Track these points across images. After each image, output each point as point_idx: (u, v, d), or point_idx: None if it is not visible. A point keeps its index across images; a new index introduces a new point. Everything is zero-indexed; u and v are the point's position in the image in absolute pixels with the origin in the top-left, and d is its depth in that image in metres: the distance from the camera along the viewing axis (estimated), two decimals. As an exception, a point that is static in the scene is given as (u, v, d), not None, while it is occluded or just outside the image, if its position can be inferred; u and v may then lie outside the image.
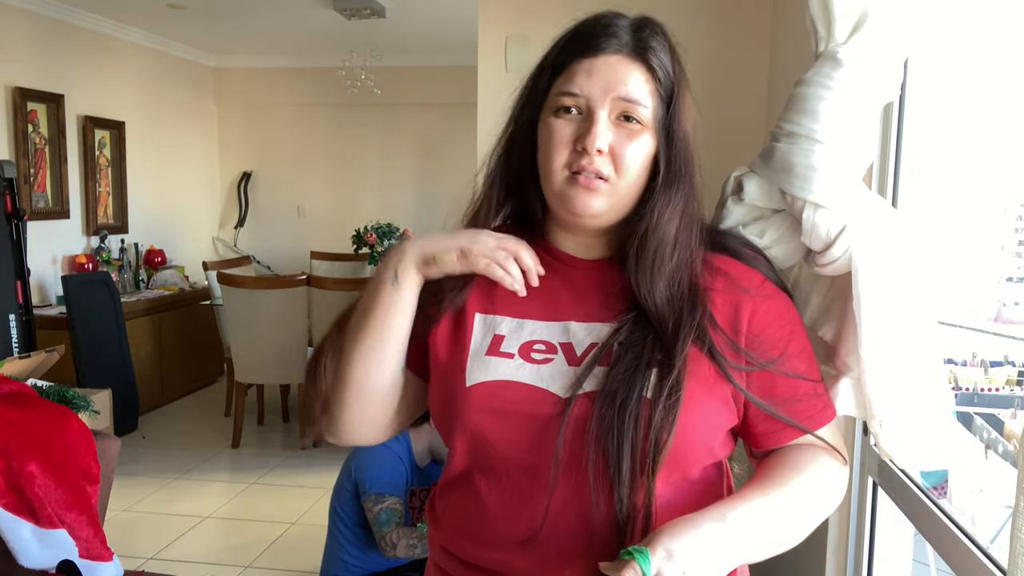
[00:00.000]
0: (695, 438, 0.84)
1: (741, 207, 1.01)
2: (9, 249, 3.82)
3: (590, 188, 0.86)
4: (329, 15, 4.81)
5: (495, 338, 0.91)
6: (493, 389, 0.87)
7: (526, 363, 0.88)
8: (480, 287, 0.94)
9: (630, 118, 0.86)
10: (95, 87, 5.06)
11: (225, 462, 4.17)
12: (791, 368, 0.89)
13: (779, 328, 0.90)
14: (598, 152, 0.85)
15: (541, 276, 0.92)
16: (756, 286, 0.90)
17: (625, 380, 0.83)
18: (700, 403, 0.84)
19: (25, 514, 2.17)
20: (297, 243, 6.35)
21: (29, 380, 2.68)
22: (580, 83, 0.86)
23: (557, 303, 0.92)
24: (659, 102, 0.88)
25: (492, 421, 0.86)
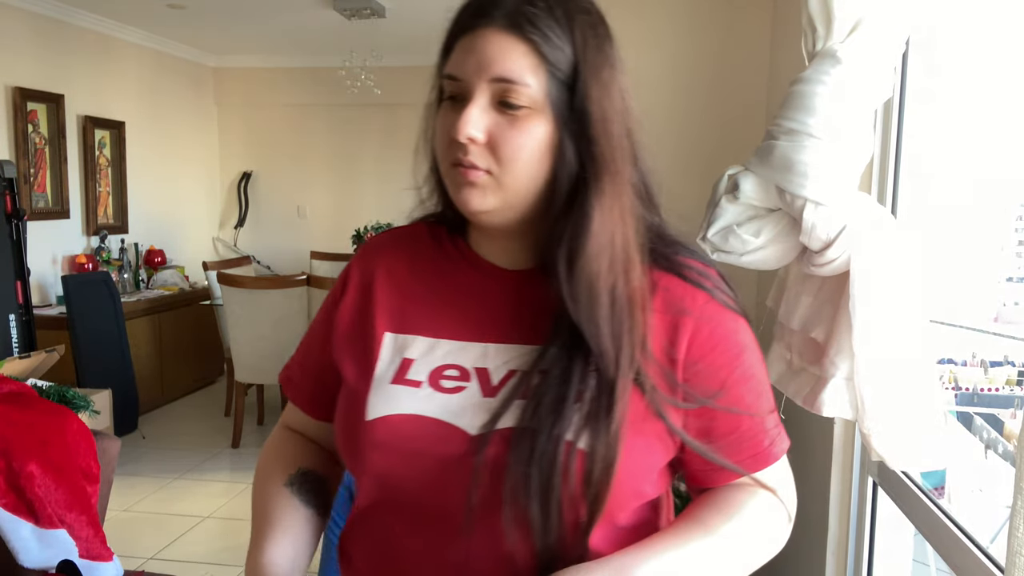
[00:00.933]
0: (624, 484, 0.73)
1: (736, 206, 1.00)
2: (9, 249, 3.82)
3: (469, 181, 0.74)
4: (329, 15, 4.81)
5: (403, 362, 0.80)
6: (395, 425, 0.76)
7: (435, 393, 0.77)
8: (389, 302, 0.84)
9: (510, 102, 0.73)
10: (95, 87, 5.06)
11: (225, 462, 4.17)
12: (733, 401, 0.78)
13: (721, 354, 0.78)
14: (471, 141, 0.73)
15: (458, 288, 0.82)
16: (698, 307, 0.78)
17: (547, 419, 0.71)
18: (632, 446, 0.73)
19: (25, 514, 2.17)
20: (297, 243, 6.35)
21: (29, 380, 2.68)
22: (457, 64, 0.75)
23: (475, 320, 0.80)
24: (551, 81, 0.73)
25: (396, 461, 0.76)
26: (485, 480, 0.72)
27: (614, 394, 0.72)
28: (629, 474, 0.73)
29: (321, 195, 6.40)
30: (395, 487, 0.77)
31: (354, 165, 6.35)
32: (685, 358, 0.77)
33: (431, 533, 0.75)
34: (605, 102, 0.74)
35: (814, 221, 0.93)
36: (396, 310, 0.83)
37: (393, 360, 0.80)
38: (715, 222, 1.00)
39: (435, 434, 0.75)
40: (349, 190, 6.37)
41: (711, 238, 1.04)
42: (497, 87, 0.73)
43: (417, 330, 0.82)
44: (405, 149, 4.05)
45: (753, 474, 0.80)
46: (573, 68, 0.73)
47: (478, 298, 0.82)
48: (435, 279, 0.84)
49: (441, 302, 0.83)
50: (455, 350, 0.79)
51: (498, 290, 0.81)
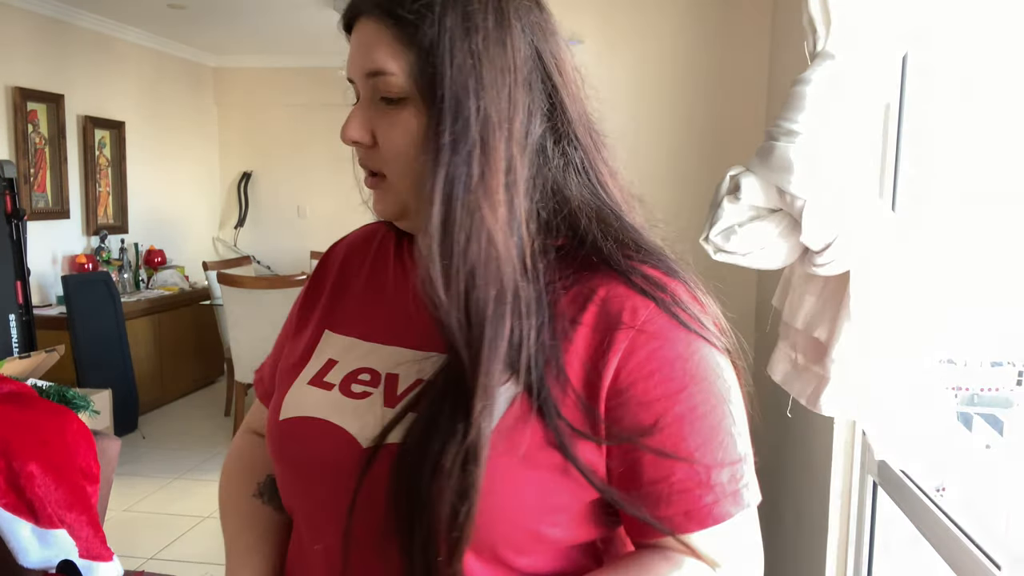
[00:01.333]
0: (511, 522, 0.63)
1: (737, 207, 1.00)
2: (9, 249, 3.82)
3: (370, 187, 0.72)
4: (329, 15, 4.81)
5: (327, 363, 0.75)
6: (296, 427, 0.72)
7: (343, 397, 0.71)
8: (333, 300, 0.81)
9: (383, 96, 0.66)
10: (95, 87, 5.06)
11: (225, 462, 4.17)
12: (666, 442, 0.63)
13: (660, 383, 0.64)
14: (355, 144, 0.69)
15: (390, 289, 0.78)
16: (639, 320, 0.64)
17: (423, 437, 0.63)
18: (519, 479, 0.62)
19: (25, 514, 2.17)
20: (297, 243, 6.36)
21: (29, 380, 2.68)
22: (348, 65, 0.69)
23: (400, 323, 0.74)
24: (419, 64, 0.64)
25: (298, 463, 0.72)
26: (365, 496, 0.65)
27: (470, 416, 0.61)
28: (516, 511, 0.63)
29: (321, 195, 6.41)
30: (299, 490, 0.73)
31: (354, 165, 6.34)
32: (611, 384, 0.64)
33: (329, 540, 0.69)
34: (474, 75, 0.63)
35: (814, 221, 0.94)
36: (337, 309, 0.80)
37: (320, 359, 0.76)
38: (717, 222, 1.00)
39: (333, 441, 0.69)
40: (349, 190, 6.35)
41: (713, 239, 1.05)
42: (372, 82, 0.66)
43: (347, 330, 0.77)
44: (405, 149, 3.90)
45: (682, 536, 0.64)
46: (433, 30, 0.63)
47: (407, 301, 0.74)
48: (374, 279, 0.80)
49: (373, 302, 0.78)
50: (372, 353, 0.74)
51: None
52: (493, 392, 0.62)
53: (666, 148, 2.48)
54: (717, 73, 2.43)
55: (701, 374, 0.65)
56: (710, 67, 2.43)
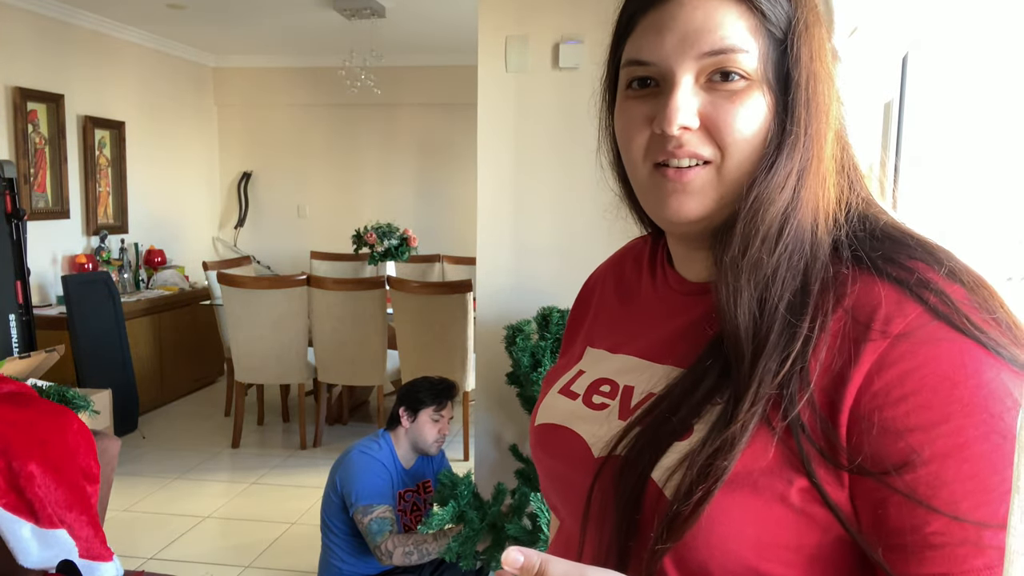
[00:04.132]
0: (723, 553, 0.56)
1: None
2: (9, 249, 3.83)
3: (683, 181, 0.61)
4: (329, 15, 4.81)
5: (577, 373, 0.76)
6: (546, 433, 0.73)
7: (584, 407, 0.71)
8: (594, 315, 0.81)
9: (729, 74, 0.60)
10: (95, 87, 5.06)
11: (225, 462, 4.17)
12: (919, 486, 0.52)
13: (914, 411, 0.52)
14: (684, 130, 0.60)
15: (641, 301, 0.75)
16: (898, 326, 0.54)
17: (643, 453, 0.60)
18: (737, 506, 0.56)
19: (25, 514, 2.17)
20: (297, 243, 6.36)
21: (29, 380, 2.68)
22: (648, 46, 0.62)
23: (644, 336, 0.72)
24: (769, 42, 0.60)
25: (545, 468, 0.74)
26: (597, 504, 0.64)
27: (731, 425, 0.56)
28: (728, 540, 0.56)
29: (321, 195, 6.41)
30: (550, 490, 0.74)
31: (354, 165, 6.35)
32: (852, 407, 0.54)
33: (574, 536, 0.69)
34: (817, 63, 0.61)
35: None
36: (596, 325, 0.80)
37: (573, 370, 0.76)
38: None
39: (572, 449, 0.69)
40: (349, 190, 6.37)
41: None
42: (708, 62, 0.60)
43: (600, 343, 0.77)
44: (405, 149, 4.11)
45: None
46: (788, 22, 0.60)
47: (655, 313, 0.72)
48: (627, 293, 0.78)
49: (624, 315, 0.76)
50: (616, 365, 0.72)
51: (676, 305, 0.70)
52: (759, 405, 0.56)
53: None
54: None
55: (978, 402, 0.51)
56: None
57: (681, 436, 0.59)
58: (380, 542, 2.17)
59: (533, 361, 2.17)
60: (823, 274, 0.59)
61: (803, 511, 0.55)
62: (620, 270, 0.82)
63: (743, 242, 0.60)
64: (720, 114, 0.60)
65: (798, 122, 0.60)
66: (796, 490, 0.55)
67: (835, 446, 0.54)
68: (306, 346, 4.27)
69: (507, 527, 1.99)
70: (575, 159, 2.53)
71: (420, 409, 2.39)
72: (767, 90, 0.60)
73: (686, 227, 0.64)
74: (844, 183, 0.63)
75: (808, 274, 0.59)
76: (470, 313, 3.94)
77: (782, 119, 0.61)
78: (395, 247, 4.99)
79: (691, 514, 0.55)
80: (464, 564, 2.03)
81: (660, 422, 0.60)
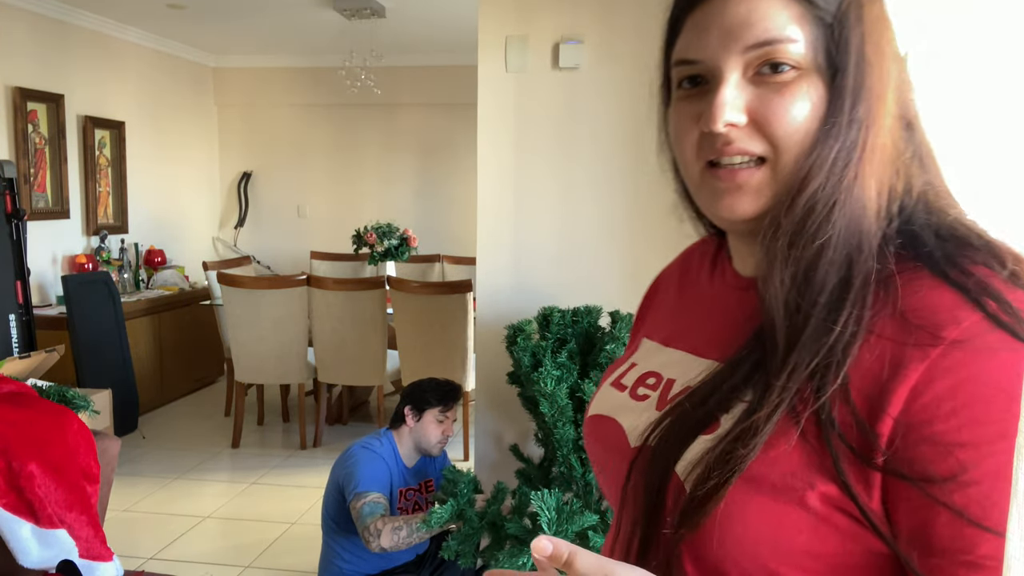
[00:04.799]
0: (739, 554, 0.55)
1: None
2: (9, 249, 3.83)
3: (736, 183, 0.60)
4: (329, 15, 4.81)
5: (630, 366, 0.76)
6: (595, 424, 0.74)
7: (629, 399, 0.72)
8: (654, 309, 0.82)
9: (778, 65, 0.58)
10: (95, 87, 5.06)
11: (225, 462, 4.17)
12: (970, 503, 0.49)
13: (967, 425, 0.49)
14: (731, 127, 0.59)
15: (695, 296, 0.75)
16: (951, 334, 0.51)
17: (668, 444, 0.61)
18: (752, 506, 0.54)
19: (25, 514, 2.17)
20: (297, 243, 6.36)
21: (29, 380, 2.68)
22: (693, 45, 0.61)
23: (694, 330, 0.72)
24: (819, 28, 0.58)
25: (594, 457, 0.75)
26: (631, 493, 0.64)
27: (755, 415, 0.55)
28: (745, 541, 0.55)
29: (321, 195, 6.41)
30: (599, 480, 0.75)
31: (354, 165, 6.35)
32: (899, 416, 0.51)
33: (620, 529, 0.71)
34: (871, 47, 0.58)
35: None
36: (655, 316, 0.81)
37: (627, 363, 0.77)
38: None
39: (614, 440, 0.70)
40: (349, 190, 6.37)
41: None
42: (752, 55, 0.58)
43: (655, 335, 0.77)
44: (405, 149, 4.11)
45: None
46: (837, 5, 0.58)
47: (709, 307, 0.72)
48: (686, 288, 0.78)
49: (679, 309, 0.77)
50: (665, 358, 0.72)
51: (730, 300, 0.69)
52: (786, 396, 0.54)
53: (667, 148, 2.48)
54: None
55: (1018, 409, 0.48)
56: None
57: (706, 428, 0.58)
58: (369, 523, 2.12)
59: (534, 361, 2.17)
60: (871, 269, 0.56)
61: (823, 517, 0.53)
62: (687, 264, 0.81)
63: (784, 231, 0.58)
64: (768, 108, 0.58)
65: (844, 109, 0.57)
66: (817, 495, 0.53)
67: (870, 448, 0.51)
68: (306, 346, 4.27)
69: (507, 526, 1.99)
70: (575, 159, 2.53)
71: (426, 409, 2.38)
72: (819, 79, 0.58)
73: (742, 225, 0.63)
74: (908, 172, 0.60)
75: (852, 267, 0.56)
76: (470, 313, 3.93)
77: (836, 101, 0.58)
78: (395, 247, 4.99)
79: (706, 502, 0.55)
80: (463, 562, 2.03)
81: (687, 413, 0.60)
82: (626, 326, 2.16)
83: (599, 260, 2.55)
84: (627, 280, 2.53)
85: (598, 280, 2.55)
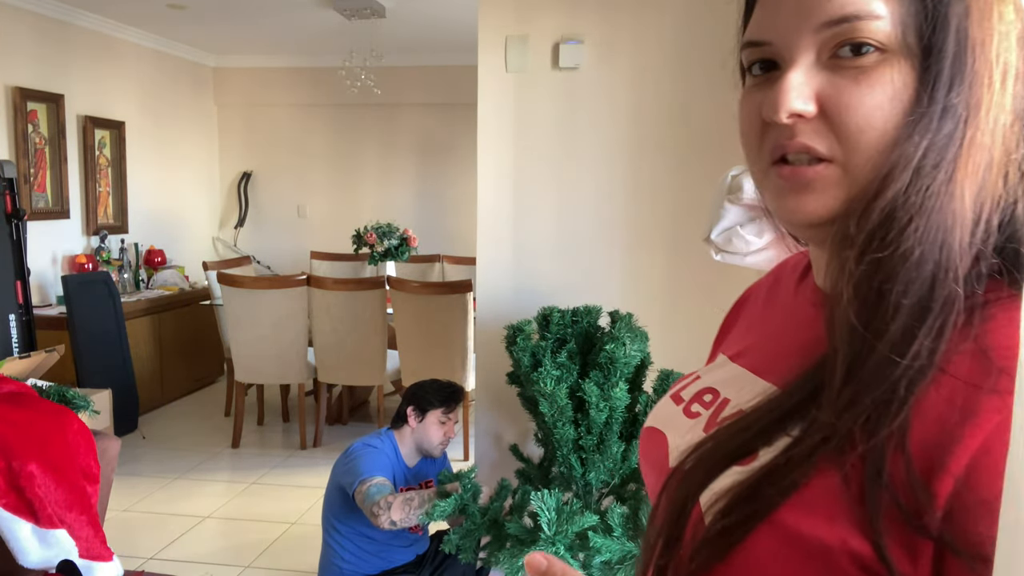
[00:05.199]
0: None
1: (738, 207, 1.00)
2: (9, 249, 3.83)
3: (800, 179, 0.51)
4: (329, 15, 4.81)
5: (693, 378, 0.69)
6: (648, 436, 0.69)
7: (681, 415, 0.65)
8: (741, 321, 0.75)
9: (860, 46, 0.49)
10: (95, 87, 5.06)
11: (225, 462, 4.17)
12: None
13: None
14: (796, 118, 0.50)
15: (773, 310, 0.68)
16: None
17: (698, 469, 0.54)
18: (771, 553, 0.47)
19: (25, 514, 2.17)
20: (297, 243, 6.36)
21: (29, 380, 2.68)
22: (764, 24, 0.53)
23: (761, 347, 0.65)
24: (909, 3, 0.48)
25: (642, 469, 0.70)
26: (658, 518, 0.56)
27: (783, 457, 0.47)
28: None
29: (321, 195, 6.41)
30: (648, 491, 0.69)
31: (354, 165, 6.35)
32: (964, 474, 0.43)
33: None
34: (975, 25, 0.47)
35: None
36: (736, 327, 0.74)
37: (693, 374, 0.70)
38: (719, 223, 0.99)
39: (658, 455, 0.64)
40: (349, 190, 6.37)
41: (715, 239, 1.05)
42: (828, 34, 0.49)
43: (729, 347, 0.70)
44: (405, 149, 4.11)
45: None
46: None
47: (785, 323, 0.64)
48: (768, 303, 0.70)
49: (756, 324, 0.69)
50: (727, 374, 0.65)
51: (806, 317, 0.61)
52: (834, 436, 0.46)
53: (667, 148, 2.48)
54: (718, 72, 2.42)
55: None
56: (711, 66, 2.43)
57: (742, 460, 0.50)
58: (379, 499, 2.09)
59: (533, 361, 2.17)
60: (955, 293, 0.46)
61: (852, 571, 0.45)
62: (779, 275, 0.72)
63: (855, 240, 0.49)
64: (843, 97, 0.49)
65: (938, 99, 0.47)
66: (847, 553, 0.44)
67: (921, 509, 0.43)
68: (306, 346, 4.27)
69: (508, 526, 1.99)
70: (575, 159, 2.53)
71: (429, 410, 2.38)
72: (908, 64, 0.48)
73: (812, 231, 0.55)
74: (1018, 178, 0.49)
75: (934, 289, 0.46)
76: (470, 313, 3.93)
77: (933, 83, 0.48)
78: (395, 247, 4.99)
79: (722, 541, 0.48)
80: (463, 557, 2.02)
81: (727, 439, 0.53)
82: (626, 326, 2.16)
83: (599, 260, 2.55)
84: (627, 280, 2.53)
85: (598, 280, 2.55)
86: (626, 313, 2.26)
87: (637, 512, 1.93)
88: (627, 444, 2.08)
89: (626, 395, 2.00)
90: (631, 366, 2.05)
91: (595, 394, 1.97)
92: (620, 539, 1.88)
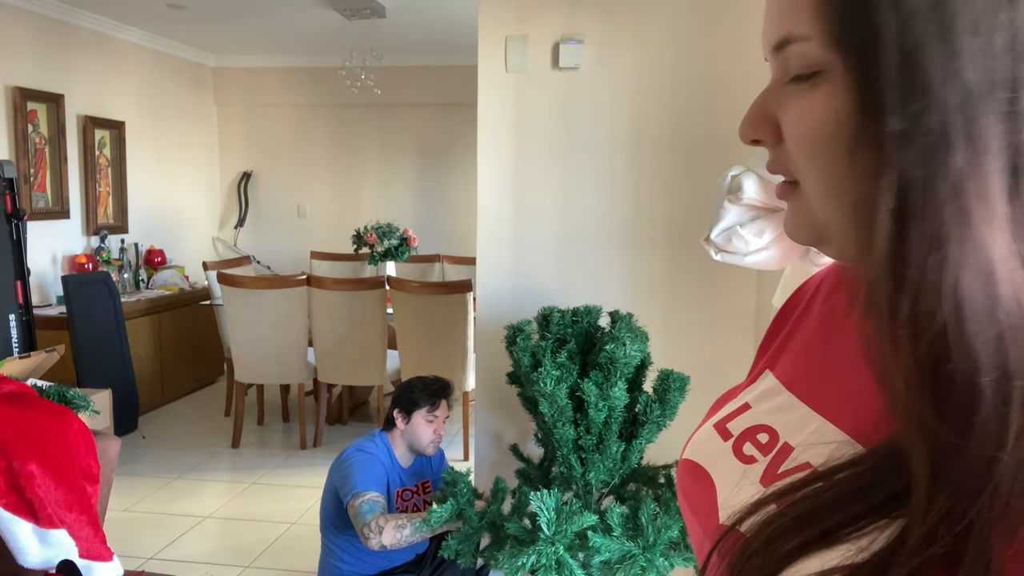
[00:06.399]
0: None
1: (738, 207, 1.00)
2: (9, 249, 3.82)
3: (782, 198, 0.50)
4: (329, 15, 4.81)
5: (742, 407, 0.61)
6: (688, 470, 0.62)
7: (730, 455, 0.58)
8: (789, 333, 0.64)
9: (797, 73, 0.45)
10: (95, 87, 5.06)
11: (225, 462, 4.17)
12: None
13: None
14: (754, 144, 0.51)
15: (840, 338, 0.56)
16: None
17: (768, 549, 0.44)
18: None
19: (25, 514, 2.17)
20: (297, 243, 6.36)
21: (29, 380, 2.68)
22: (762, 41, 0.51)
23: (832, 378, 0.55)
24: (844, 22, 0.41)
25: (683, 506, 0.63)
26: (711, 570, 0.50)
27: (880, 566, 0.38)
28: None
29: (321, 195, 6.41)
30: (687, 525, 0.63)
31: (354, 165, 6.35)
32: None
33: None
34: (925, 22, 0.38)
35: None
36: (788, 341, 0.63)
37: (740, 400, 0.62)
38: (718, 223, 0.99)
39: (703, 500, 0.58)
40: (349, 190, 6.37)
41: (714, 239, 1.05)
42: (781, 57, 0.46)
43: (779, 371, 0.61)
44: (405, 149, 4.11)
45: None
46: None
47: (850, 349, 0.53)
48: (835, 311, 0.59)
49: (819, 341, 0.59)
50: (785, 408, 0.57)
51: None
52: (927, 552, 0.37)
53: (667, 148, 2.48)
54: (717, 72, 2.42)
55: None
56: (710, 66, 2.43)
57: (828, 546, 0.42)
58: (370, 520, 2.09)
59: (533, 361, 2.17)
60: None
61: None
62: (838, 281, 0.61)
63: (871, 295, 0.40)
64: (785, 121, 0.47)
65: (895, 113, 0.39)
66: None
67: None
68: (306, 346, 4.27)
69: (507, 526, 1.99)
70: (575, 159, 2.53)
71: (414, 411, 2.38)
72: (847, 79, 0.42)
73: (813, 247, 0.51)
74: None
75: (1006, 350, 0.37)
76: (470, 313, 3.94)
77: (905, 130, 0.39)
78: (395, 247, 4.99)
79: None
80: (463, 562, 2.03)
81: (805, 519, 0.43)
82: (626, 326, 2.16)
83: (599, 260, 2.55)
84: (627, 280, 2.53)
85: (598, 280, 2.55)
86: (626, 313, 2.26)
87: (637, 512, 1.93)
88: (627, 444, 2.08)
89: (625, 395, 2.00)
90: (631, 366, 2.05)
91: (594, 394, 1.97)
92: (619, 539, 1.88)
